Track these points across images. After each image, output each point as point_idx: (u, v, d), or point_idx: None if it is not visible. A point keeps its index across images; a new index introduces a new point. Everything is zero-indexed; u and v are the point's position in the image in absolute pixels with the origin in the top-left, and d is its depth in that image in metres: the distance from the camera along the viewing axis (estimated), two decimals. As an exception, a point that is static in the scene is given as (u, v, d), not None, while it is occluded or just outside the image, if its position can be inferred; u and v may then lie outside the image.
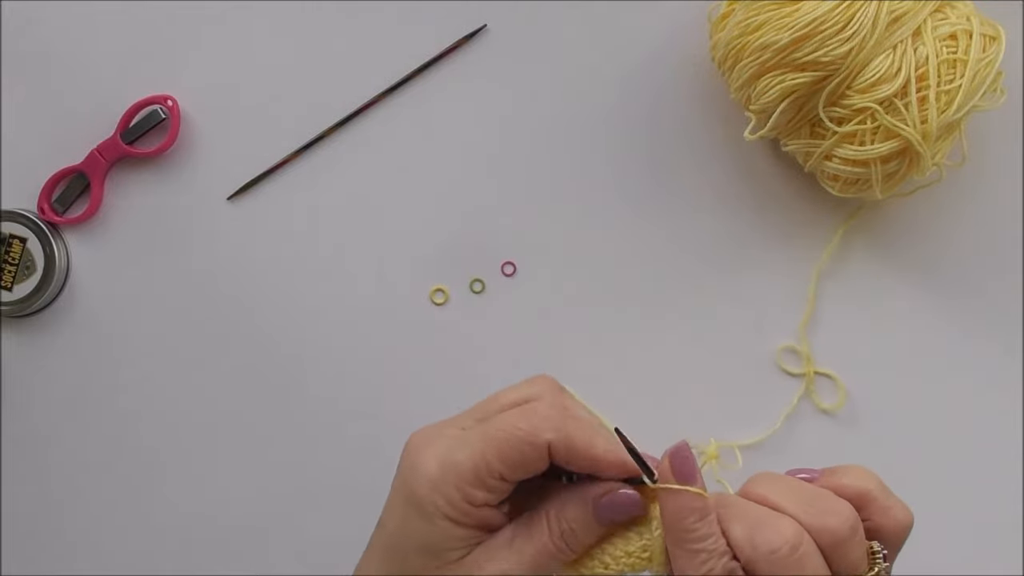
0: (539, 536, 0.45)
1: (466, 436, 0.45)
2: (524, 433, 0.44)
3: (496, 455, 0.44)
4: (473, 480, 0.44)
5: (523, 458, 0.44)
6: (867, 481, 0.45)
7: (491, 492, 0.44)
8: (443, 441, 0.45)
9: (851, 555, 0.42)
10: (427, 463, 0.44)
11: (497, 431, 0.44)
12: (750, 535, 0.42)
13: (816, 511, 0.43)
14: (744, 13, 0.58)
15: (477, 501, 0.44)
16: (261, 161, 0.68)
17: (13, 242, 0.67)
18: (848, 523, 0.42)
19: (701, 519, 0.43)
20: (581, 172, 0.67)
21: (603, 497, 0.45)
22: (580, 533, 0.45)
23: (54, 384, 0.69)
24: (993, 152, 0.65)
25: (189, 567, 0.69)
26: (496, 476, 0.44)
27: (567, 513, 0.45)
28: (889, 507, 0.44)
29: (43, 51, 0.68)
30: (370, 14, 0.67)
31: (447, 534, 0.44)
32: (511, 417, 0.45)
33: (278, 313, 0.68)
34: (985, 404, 0.66)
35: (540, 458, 0.44)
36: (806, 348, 0.66)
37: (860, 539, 0.43)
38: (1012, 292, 0.66)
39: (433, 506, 0.44)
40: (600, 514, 0.45)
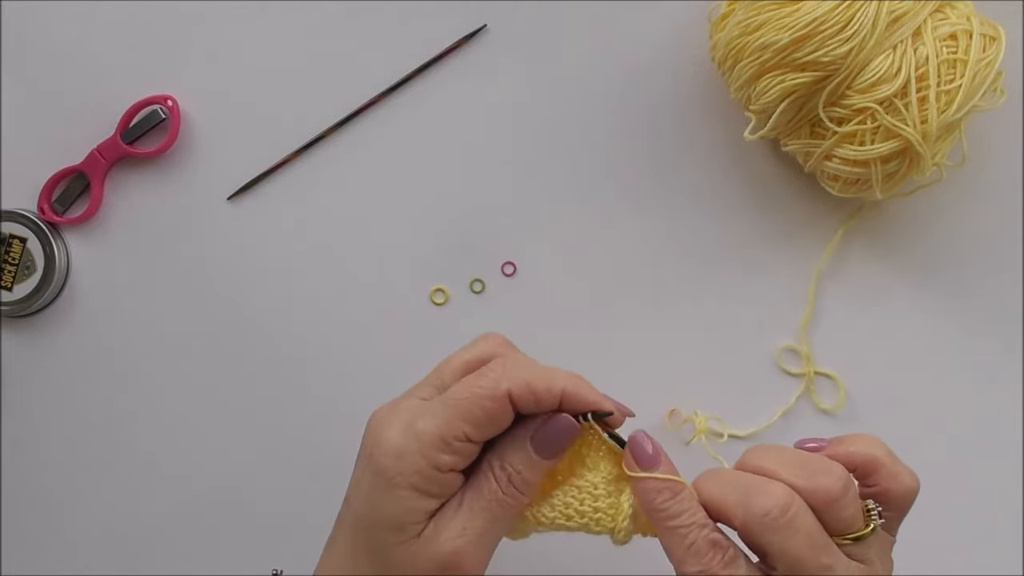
0: (487, 488, 0.46)
1: (428, 405, 0.46)
2: (483, 389, 0.45)
3: (460, 416, 0.45)
4: (439, 445, 0.44)
5: (487, 414, 0.45)
6: (875, 447, 0.46)
7: (457, 455, 0.45)
8: (405, 413, 0.46)
9: (845, 512, 0.44)
10: (391, 435, 0.45)
11: (457, 394, 0.45)
12: (743, 501, 0.43)
13: (808, 473, 0.44)
14: (744, 13, 0.58)
15: (444, 466, 0.45)
16: (261, 161, 0.68)
17: (13, 242, 0.67)
18: (840, 482, 0.44)
19: (671, 497, 0.44)
20: (581, 172, 0.67)
21: (538, 430, 0.46)
22: (526, 473, 0.46)
23: (54, 384, 0.69)
24: (993, 152, 0.65)
25: (189, 567, 0.69)
26: (462, 437, 0.45)
27: (508, 457, 0.46)
28: (897, 472, 0.46)
29: (43, 51, 0.68)
30: (370, 14, 0.67)
31: (411, 505, 0.45)
32: (468, 380, 0.46)
33: (278, 313, 0.68)
34: (985, 404, 0.66)
35: (503, 410, 0.45)
36: (806, 348, 0.66)
37: (853, 497, 0.44)
38: (1012, 292, 0.66)
39: (400, 476, 0.44)
40: (539, 447, 0.46)
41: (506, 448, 0.46)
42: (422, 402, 0.47)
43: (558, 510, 0.47)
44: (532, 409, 0.46)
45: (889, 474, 0.46)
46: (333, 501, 0.67)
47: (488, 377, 0.46)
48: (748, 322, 0.67)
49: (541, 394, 0.45)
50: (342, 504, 0.48)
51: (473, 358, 0.48)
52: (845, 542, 0.44)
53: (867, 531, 0.44)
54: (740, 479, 0.45)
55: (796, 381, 0.67)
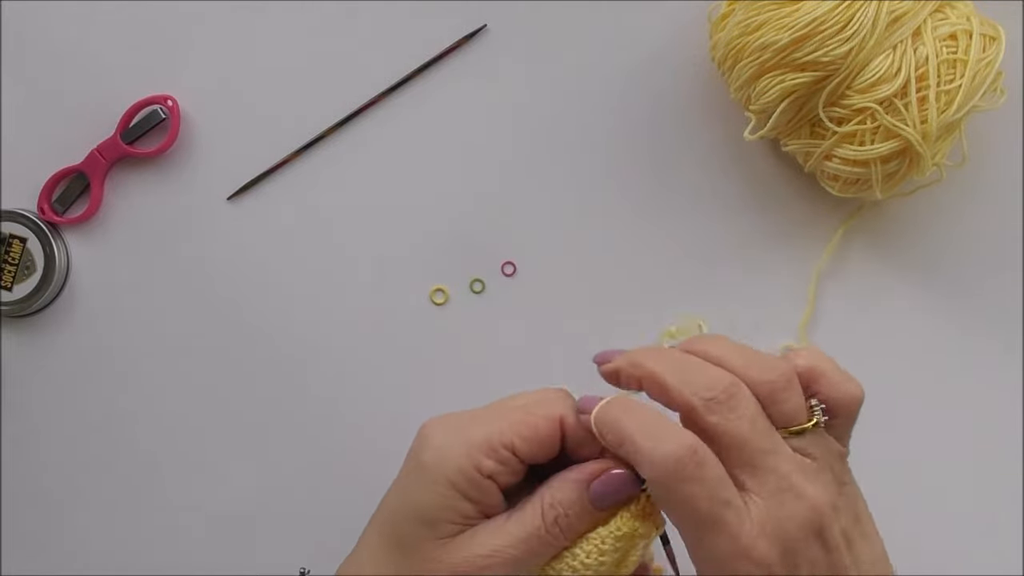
0: (532, 519, 0.45)
1: (479, 414, 0.47)
2: (537, 407, 0.46)
3: (509, 426, 0.45)
4: (484, 448, 0.45)
5: (535, 431, 0.45)
6: (817, 359, 0.46)
7: (500, 464, 0.45)
8: (455, 419, 0.47)
9: (786, 405, 0.44)
10: (437, 434, 0.46)
11: (510, 407, 0.46)
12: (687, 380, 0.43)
13: (753, 363, 0.44)
14: (744, 13, 0.58)
15: (485, 470, 0.45)
16: (261, 161, 0.68)
17: (13, 242, 0.67)
18: (783, 374, 0.44)
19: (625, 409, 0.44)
20: (581, 172, 0.67)
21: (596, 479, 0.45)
22: (573, 519, 0.45)
23: (54, 384, 0.69)
24: (993, 152, 0.65)
25: (189, 566, 0.69)
26: (509, 447, 0.45)
27: (560, 497, 0.45)
28: (839, 381, 0.46)
29: (43, 51, 0.68)
30: (370, 14, 0.67)
31: (447, 503, 0.45)
32: (524, 395, 0.47)
33: (278, 313, 0.68)
34: (985, 404, 0.66)
35: (552, 432, 0.45)
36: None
37: (796, 391, 0.44)
38: (1012, 292, 0.66)
39: (439, 471, 0.45)
40: (597, 496, 0.45)
41: (560, 488, 0.46)
42: (473, 414, 0.47)
43: (565, 561, 0.47)
44: (575, 446, 0.46)
45: (831, 383, 0.45)
46: (332, 499, 0.68)
47: (545, 398, 0.47)
48: (748, 322, 0.67)
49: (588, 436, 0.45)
50: (384, 496, 0.48)
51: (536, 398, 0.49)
52: (787, 435, 0.44)
53: (809, 424, 0.44)
54: (685, 360, 0.44)
55: (796, 381, 0.67)
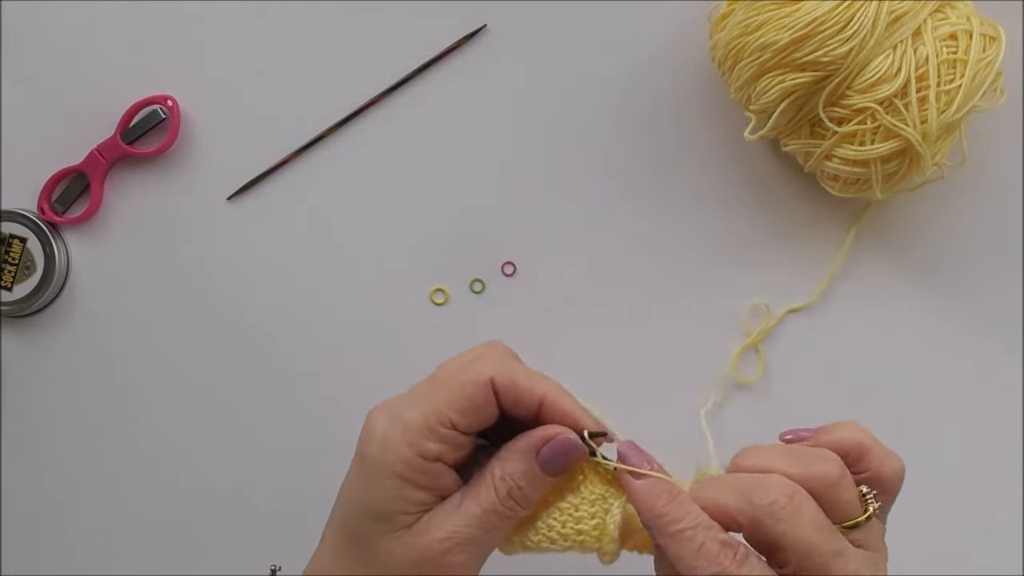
0: (486, 494, 0.45)
1: (413, 395, 0.46)
2: (466, 375, 0.45)
3: (443, 402, 0.45)
4: (424, 432, 0.44)
5: (469, 400, 0.45)
6: (860, 433, 0.46)
7: (443, 443, 0.45)
8: (393, 407, 0.46)
9: (843, 498, 0.44)
10: (378, 424, 0.46)
11: (441, 381, 0.46)
12: (747, 498, 0.43)
13: (804, 461, 0.44)
14: (744, 13, 0.58)
15: (430, 454, 0.45)
16: (261, 161, 0.68)
17: (13, 242, 0.67)
18: (836, 467, 0.44)
19: (670, 500, 0.44)
20: (581, 172, 0.67)
21: (545, 445, 0.45)
22: (527, 488, 0.45)
23: (54, 384, 0.69)
24: (993, 152, 0.65)
25: (189, 566, 0.69)
26: (447, 424, 0.45)
27: (510, 467, 0.45)
28: (885, 456, 0.46)
29: (43, 51, 0.68)
30: (370, 14, 0.67)
31: (398, 495, 0.45)
32: (454, 369, 0.46)
33: (278, 313, 0.68)
34: (985, 404, 0.66)
35: (486, 398, 0.45)
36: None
37: (849, 483, 0.44)
38: (1012, 292, 0.66)
39: (384, 464, 0.44)
40: (544, 463, 0.45)
41: (509, 459, 0.46)
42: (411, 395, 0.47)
43: (542, 533, 0.47)
44: (512, 404, 0.45)
45: (877, 458, 0.46)
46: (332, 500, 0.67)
47: (474, 365, 0.46)
48: (748, 321, 0.67)
49: (522, 391, 0.45)
50: (337, 496, 0.48)
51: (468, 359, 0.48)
52: (844, 529, 0.44)
53: (864, 517, 0.44)
54: (738, 480, 0.44)
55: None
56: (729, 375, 0.66)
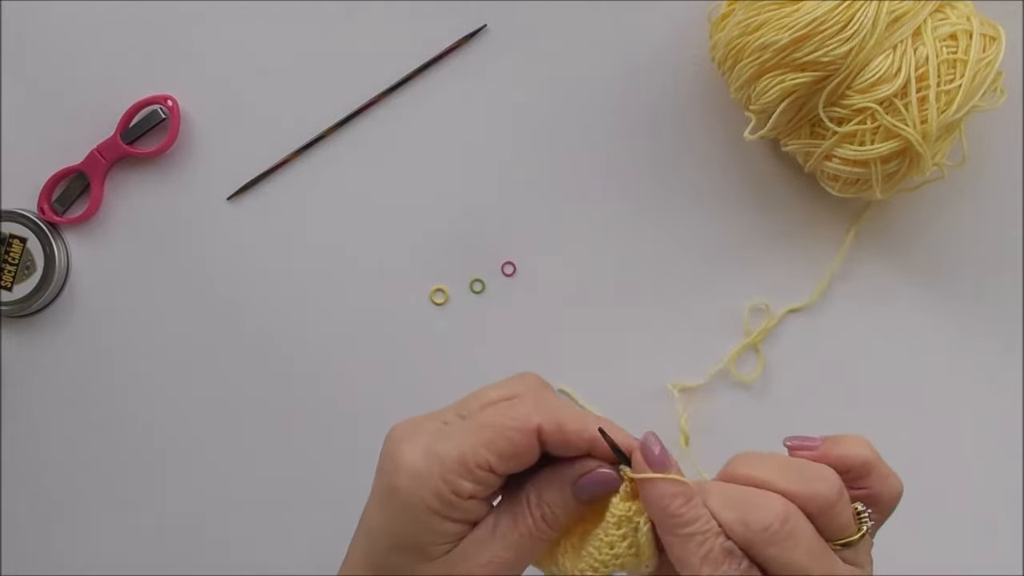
0: (522, 521, 0.45)
1: (450, 429, 0.45)
2: (513, 420, 0.44)
3: (485, 444, 0.43)
4: (460, 471, 0.43)
5: (513, 446, 0.43)
6: (867, 450, 0.46)
7: (479, 484, 0.44)
8: (425, 434, 0.45)
9: (840, 517, 0.43)
10: (410, 456, 0.44)
11: (484, 422, 0.44)
12: (741, 517, 0.42)
13: (804, 480, 0.43)
14: (744, 13, 0.58)
15: (464, 493, 0.43)
16: (261, 161, 0.68)
17: (13, 242, 0.67)
18: (836, 487, 0.43)
19: (685, 502, 0.43)
20: (581, 172, 0.67)
21: (581, 477, 0.45)
22: (560, 514, 0.45)
23: (54, 384, 0.69)
24: (993, 152, 0.65)
25: (189, 567, 0.69)
26: (485, 467, 0.43)
27: (547, 496, 0.45)
28: (887, 475, 0.45)
29: (43, 51, 0.68)
30: (370, 14, 0.67)
31: (431, 529, 0.44)
32: (498, 408, 0.45)
33: (278, 313, 0.68)
34: (985, 404, 0.66)
35: (530, 445, 0.44)
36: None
37: (846, 503, 0.44)
38: (1012, 292, 0.66)
39: (418, 499, 0.43)
40: (579, 492, 0.45)
41: (545, 486, 0.45)
42: (443, 425, 0.45)
43: (585, 561, 0.46)
44: (559, 450, 0.45)
45: (881, 477, 0.45)
46: (332, 500, 0.67)
47: (519, 408, 0.44)
48: (748, 321, 0.67)
49: (571, 436, 0.44)
50: (359, 522, 0.47)
51: (506, 395, 0.46)
52: (837, 547, 0.43)
53: (858, 536, 0.44)
54: (734, 492, 0.44)
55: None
56: (726, 368, 0.66)
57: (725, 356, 0.66)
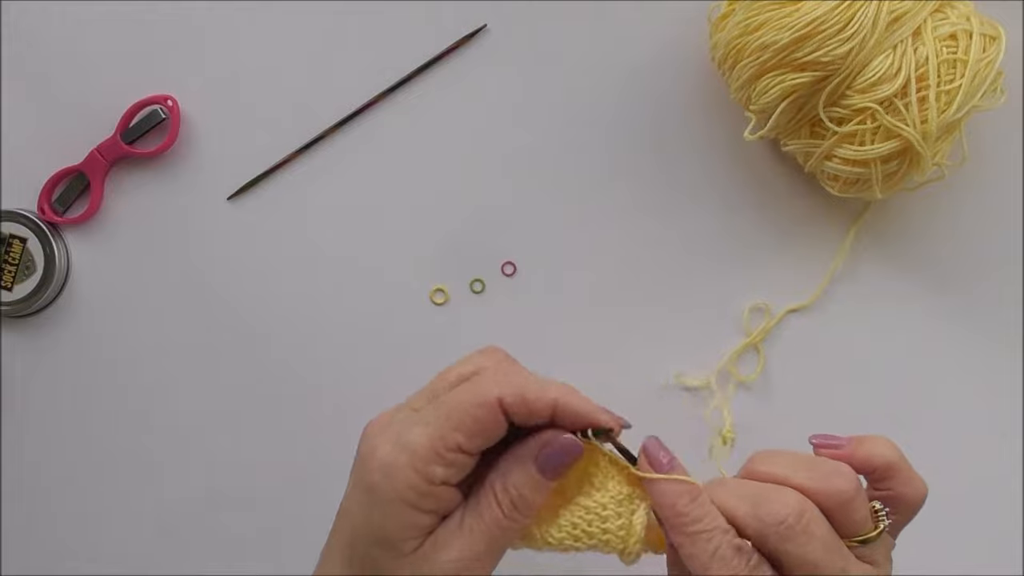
0: (487, 510, 0.44)
1: (418, 416, 0.45)
2: (475, 397, 0.44)
3: (451, 426, 0.43)
4: (431, 456, 0.43)
5: (478, 423, 0.43)
6: (892, 452, 0.46)
7: (450, 467, 0.44)
8: (396, 425, 0.45)
9: (857, 514, 0.43)
10: (381, 450, 0.44)
11: (449, 403, 0.44)
12: (755, 512, 0.43)
13: (821, 475, 0.44)
14: (744, 13, 0.58)
15: (437, 479, 0.43)
16: (261, 161, 0.68)
17: (13, 242, 0.67)
18: (853, 484, 0.44)
19: (692, 500, 0.43)
20: (581, 172, 0.67)
21: (542, 450, 0.44)
22: (529, 495, 0.44)
23: (54, 384, 0.69)
24: (993, 152, 0.65)
25: (189, 567, 0.69)
26: (454, 448, 0.43)
27: (511, 478, 0.44)
28: (911, 478, 0.46)
29: (43, 51, 0.68)
30: (370, 14, 0.67)
31: (404, 522, 0.44)
32: (460, 388, 0.45)
33: (278, 313, 0.68)
34: (985, 404, 0.66)
35: (495, 419, 0.44)
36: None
37: (863, 501, 0.44)
38: (1012, 292, 0.66)
39: (391, 491, 0.43)
40: (543, 467, 0.44)
41: (508, 468, 0.45)
42: (413, 413, 0.46)
43: (566, 531, 0.46)
44: (525, 419, 0.44)
45: (905, 479, 0.46)
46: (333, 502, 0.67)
47: (480, 385, 0.44)
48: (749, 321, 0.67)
49: (533, 403, 0.44)
50: (336, 516, 0.47)
51: (470, 371, 0.47)
52: (853, 544, 0.44)
53: (875, 533, 0.44)
54: (750, 488, 0.44)
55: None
56: (726, 368, 0.66)
57: (725, 356, 0.66)
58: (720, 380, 0.67)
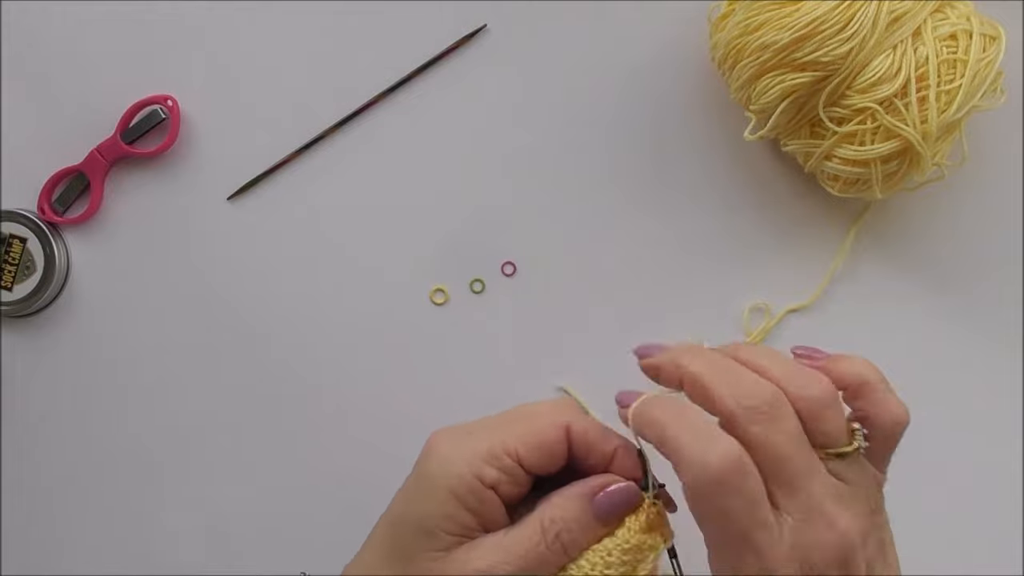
0: (531, 535, 0.44)
1: (487, 422, 0.46)
2: (543, 415, 0.45)
3: (515, 435, 0.45)
4: (487, 456, 0.44)
5: (541, 439, 0.45)
6: (868, 371, 0.45)
7: (503, 473, 0.44)
8: (463, 429, 0.46)
9: (829, 424, 0.43)
10: (443, 444, 0.46)
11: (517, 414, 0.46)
12: (731, 391, 0.42)
13: (796, 378, 0.43)
14: (744, 13, 0.58)
15: (487, 480, 0.44)
16: (261, 161, 0.68)
17: (13, 242, 0.67)
18: (826, 393, 0.43)
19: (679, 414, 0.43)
20: (581, 172, 0.67)
21: (600, 491, 0.45)
22: (576, 534, 0.45)
23: (54, 384, 0.69)
24: (993, 152, 0.65)
25: (189, 567, 0.69)
26: (513, 455, 0.44)
27: (563, 512, 0.45)
28: (885, 399, 0.45)
29: (43, 51, 0.68)
30: (370, 14, 0.67)
31: (445, 511, 0.44)
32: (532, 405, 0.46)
33: (278, 313, 0.68)
34: (985, 404, 0.66)
35: (558, 441, 0.45)
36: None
37: (838, 412, 0.43)
38: (1012, 292, 0.66)
39: (440, 478, 0.44)
40: (599, 509, 0.45)
41: (562, 503, 0.45)
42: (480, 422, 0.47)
43: (570, 572, 0.46)
44: (583, 454, 0.45)
45: (877, 400, 0.45)
46: (334, 501, 0.68)
47: (551, 405, 0.46)
48: (749, 321, 0.67)
49: (595, 442, 0.45)
50: (389, 504, 0.48)
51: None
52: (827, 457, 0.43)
53: (850, 448, 0.43)
54: (729, 365, 0.44)
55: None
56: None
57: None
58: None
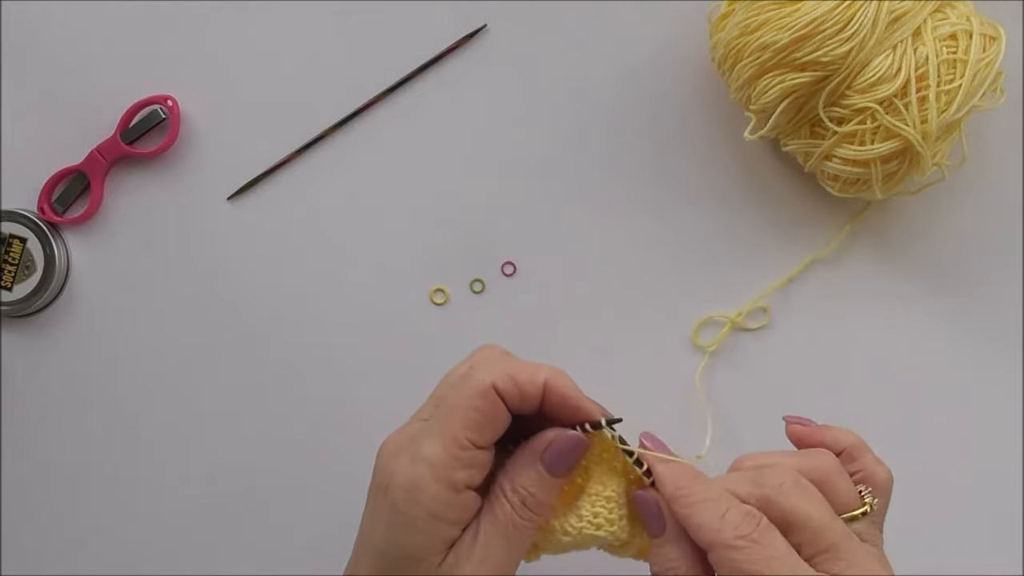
0: (500, 512, 0.45)
1: (427, 426, 0.46)
2: (471, 390, 0.45)
3: (458, 425, 0.44)
4: (449, 462, 0.44)
5: (480, 414, 0.44)
6: (855, 439, 0.49)
7: (470, 467, 0.45)
8: (409, 440, 0.46)
9: (841, 488, 0.45)
10: (401, 468, 0.45)
11: (449, 405, 0.45)
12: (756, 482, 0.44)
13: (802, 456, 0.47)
14: (744, 13, 0.58)
15: (460, 484, 0.44)
16: (261, 161, 0.68)
17: (13, 242, 0.67)
18: (834, 462, 0.46)
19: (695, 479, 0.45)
20: (581, 172, 0.67)
21: (547, 449, 0.45)
22: (539, 494, 0.45)
23: (54, 384, 0.69)
24: (993, 152, 0.65)
25: (189, 566, 0.69)
26: (467, 445, 0.44)
27: (519, 479, 0.45)
28: (876, 462, 0.48)
29: (43, 51, 0.68)
30: (370, 14, 0.67)
31: (433, 537, 0.44)
32: (456, 388, 0.46)
33: (278, 313, 0.68)
34: (985, 404, 0.66)
35: (494, 406, 0.45)
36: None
37: (847, 477, 0.46)
38: (1012, 292, 0.66)
39: (418, 507, 0.44)
40: (550, 466, 0.45)
41: (516, 470, 0.46)
42: (423, 423, 0.46)
43: (586, 520, 0.46)
44: (519, 403, 0.45)
45: (872, 460, 0.48)
46: (332, 502, 0.67)
47: (472, 378, 0.45)
48: (748, 321, 0.67)
49: (524, 384, 0.45)
50: (357, 539, 0.47)
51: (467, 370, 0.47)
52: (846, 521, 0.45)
53: (863, 508, 0.46)
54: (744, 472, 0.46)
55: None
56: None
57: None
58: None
